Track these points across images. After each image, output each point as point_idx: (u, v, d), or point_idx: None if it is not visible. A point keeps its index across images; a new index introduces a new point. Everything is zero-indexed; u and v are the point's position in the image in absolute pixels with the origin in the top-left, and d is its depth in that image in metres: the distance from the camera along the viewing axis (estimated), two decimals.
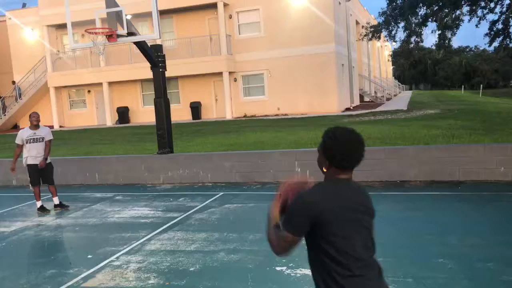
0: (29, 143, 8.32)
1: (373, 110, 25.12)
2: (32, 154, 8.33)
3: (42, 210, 8.40)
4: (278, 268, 4.90)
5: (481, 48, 79.86)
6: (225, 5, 26.07)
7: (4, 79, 34.64)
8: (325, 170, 2.25)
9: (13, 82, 31.49)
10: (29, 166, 8.39)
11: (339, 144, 2.16)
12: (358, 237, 2.16)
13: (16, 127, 31.83)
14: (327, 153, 2.19)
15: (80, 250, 6.12)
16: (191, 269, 5.08)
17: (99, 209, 8.37)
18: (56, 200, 8.63)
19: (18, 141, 8.38)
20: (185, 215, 7.45)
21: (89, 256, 5.74)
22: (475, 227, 5.94)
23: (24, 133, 8.37)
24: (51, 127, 29.57)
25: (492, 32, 15.57)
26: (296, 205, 2.14)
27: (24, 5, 35.43)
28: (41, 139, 8.41)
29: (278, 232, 2.19)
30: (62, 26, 27.52)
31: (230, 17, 26.62)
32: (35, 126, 8.43)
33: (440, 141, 11.16)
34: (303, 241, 2.23)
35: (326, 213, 2.09)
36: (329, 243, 2.11)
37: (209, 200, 8.41)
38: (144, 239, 6.30)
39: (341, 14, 27.97)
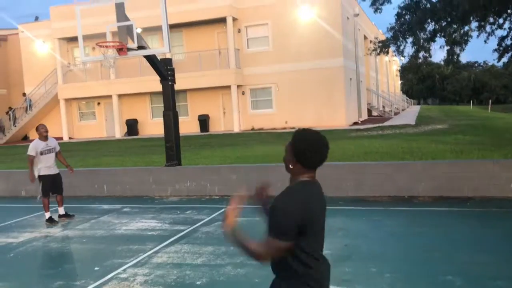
0: (44, 154, 8.43)
1: (381, 124, 25.08)
2: (47, 165, 8.43)
3: (51, 221, 8.44)
4: None
5: (490, 64, 79.73)
6: (234, 19, 26.31)
7: (16, 91, 35.10)
8: (291, 166, 2.37)
9: (24, 94, 31.85)
10: (43, 177, 8.45)
11: (307, 143, 2.31)
12: (322, 233, 2.41)
13: (26, 138, 32.12)
14: (295, 151, 2.33)
15: (87, 262, 6.13)
16: (197, 282, 5.08)
17: (106, 221, 8.39)
18: (62, 210, 8.70)
19: (32, 152, 8.42)
20: (192, 228, 7.46)
21: (96, 268, 5.75)
22: (484, 244, 5.88)
23: (39, 144, 8.45)
24: (60, 138, 29.81)
25: (501, 48, 15.54)
26: (283, 212, 2.24)
27: (36, 18, 36.04)
28: (53, 150, 8.56)
29: (266, 244, 2.28)
30: (73, 39, 27.85)
31: (239, 31, 26.84)
32: (45, 137, 8.52)
33: (448, 156, 11.11)
34: None
35: (307, 215, 2.24)
36: (307, 241, 2.27)
37: (216, 213, 8.41)
38: (151, 251, 6.30)
39: (349, 28, 28.10)
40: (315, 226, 2.31)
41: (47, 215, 8.51)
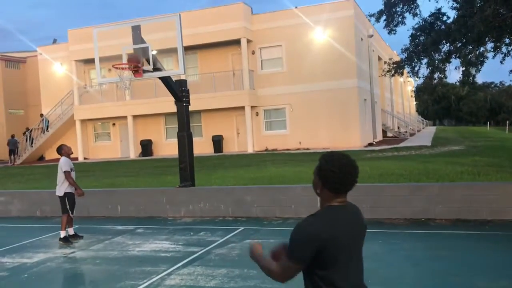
0: (73, 171, 8.57)
1: (396, 145, 24.87)
2: (71, 183, 8.51)
3: (66, 241, 8.44)
4: None
5: (506, 84, 79.09)
6: (249, 41, 26.57)
7: (33, 112, 35.71)
8: (319, 191, 2.33)
9: (41, 115, 32.36)
10: (70, 194, 8.52)
11: (334, 167, 2.25)
12: (352, 263, 2.27)
13: (42, 159, 32.49)
14: (322, 176, 2.28)
15: (100, 284, 6.10)
16: None
17: (120, 242, 8.37)
18: (72, 230, 8.73)
19: (68, 168, 8.45)
20: (205, 249, 7.39)
21: None
22: (504, 268, 5.72)
23: (70, 161, 8.57)
24: (76, 159, 30.09)
25: None
26: (298, 236, 2.21)
27: (54, 41, 36.82)
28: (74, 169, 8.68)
29: (280, 263, 2.28)
30: (90, 61, 28.31)
31: (253, 53, 27.07)
32: (69, 156, 8.65)
33: (465, 178, 10.93)
34: None
35: (328, 242, 2.17)
36: (326, 271, 2.20)
37: (229, 235, 8.34)
38: (164, 273, 6.24)
39: (363, 49, 28.17)
40: (338, 255, 2.20)
41: (64, 233, 8.49)
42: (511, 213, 8.21)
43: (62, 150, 8.62)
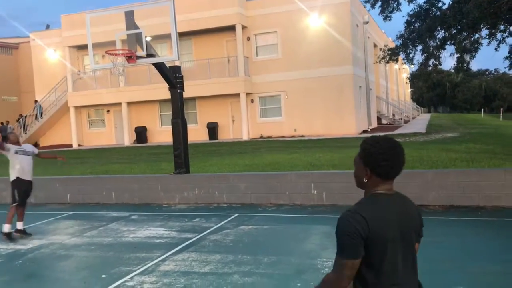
0: (19, 154, 7.94)
1: (391, 132, 24.92)
2: (23, 168, 7.95)
3: (9, 236, 7.84)
4: None
5: (501, 71, 79.20)
6: (243, 27, 26.39)
7: (27, 98, 35.47)
8: (365, 180, 2.12)
9: (36, 101, 32.15)
10: (20, 181, 7.97)
11: (382, 149, 2.07)
12: (402, 258, 2.07)
13: (36, 146, 32.36)
14: (368, 161, 2.09)
15: (95, 270, 6.11)
16: None
17: (114, 229, 8.38)
18: (21, 225, 8.05)
19: (6, 148, 7.85)
20: (199, 236, 7.42)
21: (103, 276, 5.73)
22: (497, 254, 5.78)
23: (13, 146, 7.96)
24: (70, 146, 29.99)
25: None
26: (345, 228, 2.00)
27: (47, 27, 36.43)
28: (29, 153, 8.14)
29: (333, 269, 2.03)
30: (83, 47, 28.08)
31: (248, 39, 26.90)
32: (17, 143, 8.12)
33: (459, 165, 10.99)
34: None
35: (375, 232, 1.99)
36: (369, 262, 2.01)
37: (224, 221, 8.36)
38: (159, 259, 6.27)
39: (358, 36, 28.07)
40: (384, 250, 2.00)
41: (7, 228, 7.82)
42: (503, 199, 8.27)
43: (8, 140, 8.07)
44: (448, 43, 14.42)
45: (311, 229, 7.54)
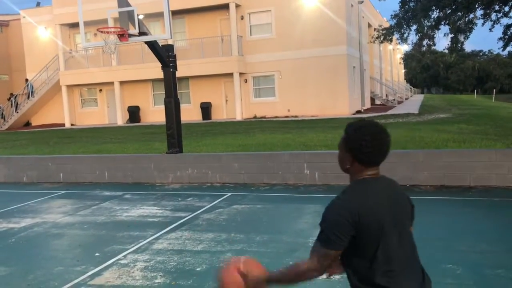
0: None
1: (384, 113, 24.98)
2: None
3: None
4: None
5: (495, 53, 79.18)
6: (237, 6, 26.11)
7: (18, 77, 35.08)
8: (348, 166, 2.04)
9: (26, 80, 31.82)
10: None
11: (365, 135, 1.96)
12: (397, 240, 1.98)
13: (28, 125, 32.14)
14: (351, 147, 1.99)
15: (88, 248, 6.15)
16: (197, 269, 5.08)
17: (107, 207, 8.40)
18: None
19: None
20: (193, 215, 7.46)
21: (97, 254, 5.77)
22: (485, 233, 5.87)
23: None
24: (62, 125, 29.82)
25: (506, 37, 15.39)
26: (332, 217, 1.93)
27: (38, 4, 35.80)
28: None
29: (312, 257, 1.96)
30: (75, 25, 27.73)
31: (242, 18, 26.65)
32: None
33: (451, 145, 11.07)
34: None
35: (366, 218, 1.90)
36: (362, 251, 1.95)
37: (217, 201, 8.41)
38: (152, 238, 6.31)
39: (353, 16, 27.88)
40: (376, 236, 1.92)
41: None
42: (493, 179, 8.37)
43: None
44: (443, 23, 14.40)
45: (304, 208, 7.60)
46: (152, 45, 10.11)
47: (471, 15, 14.23)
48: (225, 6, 25.97)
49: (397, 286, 1.96)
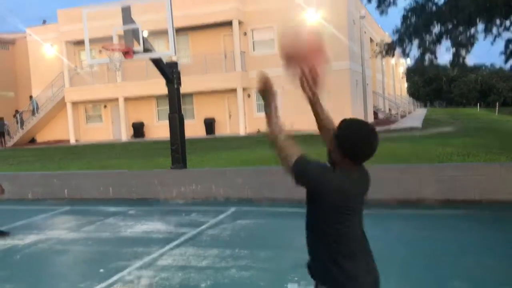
0: None
1: (387, 127, 24.99)
2: None
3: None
4: (290, 286, 4.86)
5: (497, 66, 79.29)
6: (240, 23, 26.35)
7: (23, 94, 35.36)
8: (338, 160, 2.22)
9: (31, 97, 32.07)
10: None
11: (355, 134, 2.14)
12: (360, 216, 2.29)
13: (33, 141, 32.30)
14: (342, 144, 2.17)
15: (92, 264, 6.14)
16: (202, 285, 5.07)
17: (112, 223, 8.40)
18: None
19: None
20: (197, 230, 7.45)
21: (101, 270, 5.76)
22: (491, 248, 5.83)
23: None
24: (67, 141, 29.94)
25: (508, 51, 15.46)
26: (320, 174, 2.14)
27: (44, 22, 36.27)
28: None
29: (289, 146, 2.21)
30: (80, 42, 27.90)
31: (245, 34, 26.88)
32: None
33: (455, 159, 11.05)
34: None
35: (343, 197, 2.13)
36: (341, 231, 2.17)
37: (221, 216, 8.40)
38: (156, 254, 6.30)
39: (355, 31, 28.06)
40: (354, 208, 2.21)
41: None
42: (498, 193, 8.33)
43: None
44: (444, 37, 14.47)
45: None
46: (157, 61, 10.20)
47: (473, 30, 14.32)
48: (228, 23, 26.22)
49: (356, 265, 2.23)
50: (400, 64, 53.40)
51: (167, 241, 6.94)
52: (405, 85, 66.26)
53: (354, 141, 2.13)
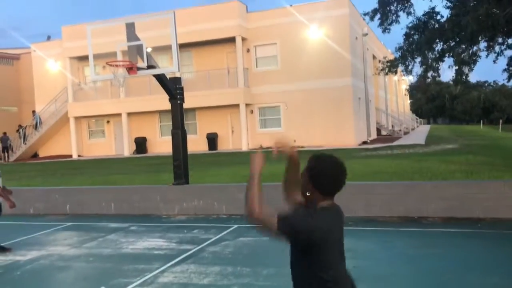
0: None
1: (390, 144, 24.96)
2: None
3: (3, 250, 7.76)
4: None
5: (500, 83, 79.47)
6: (243, 39, 26.55)
7: (27, 109, 35.55)
8: (308, 194, 2.35)
9: (33, 112, 32.22)
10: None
11: (325, 169, 2.30)
12: (341, 253, 2.41)
13: (35, 156, 32.35)
14: (312, 178, 2.32)
15: (94, 281, 6.09)
16: None
17: (113, 240, 8.36)
18: None
19: None
20: (199, 247, 7.40)
21: (102, 287, 5.71)
22: (495, 266, 5.77)
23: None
24: (70, 156, 29.99)
25: (511, 68, 15.49)
26: (299, 221, 2.26)
27: (48, 38, 36.63)
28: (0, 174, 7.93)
29: (270, 215, 2.27)
30: (84, 58, 28.09)
31: (248, 50, 27.06)
32: None
33: (458, 176, 11.00)
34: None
35: (327, 235, 2.27)
36: (322, 264, 2.30)
37: (223, 233, 8.35)
38: (158, 271, 6.25)
39: (358, 48, 28.22)
40: (334, 246, 2.34)
41: None
42: (502, 211, 8.27)
43: None
44: (447, 55, 14.52)
45: None
46: (160, 78, 10.25)
47: (475, 48, 14.38)
48: (232, 40, 26.42)
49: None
50: (402, 81, 53.57)
51: (168, 258, 6.89)
52: (408, 101, 66.39)
53: (324, 175, 2.29)
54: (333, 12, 25.53)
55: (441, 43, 14.37)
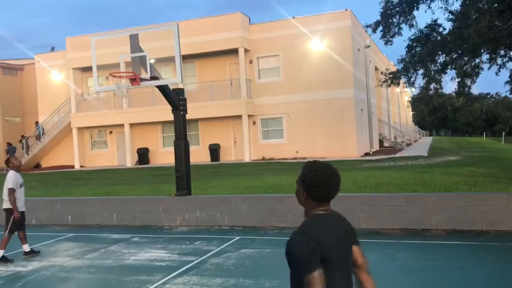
0: (21, 187, 8.00)
1: (393, 155, 24.92)
2: (22, 200, 8.00)
3: (5, 261, 7.81)
4: None
5: (502, 95, 79.52)
6: (246, 51, 26.67)
7: (30, 119, 35.64)
8: (302, 200, 2.36)
9: (36, 123, 32.33)
10: (21, 213, 7.96)
11: (317, 176, 2.28)
12: (343, 265, 2.29)
13: (38, 166, 32.38)
14: (305, 185, 2.31)
15: None
16: None
17: (115, 251, 8.33)
18: (27, 247, 8.21)
19: (14, 185, 7.80)
20: (201, 259, 7.37)
21: None
22: (499, 279, 5.73)
23: (18, 177, 7.89)
24: (72, 167, 30.00)
25: None
26: (301, 248, 2.18)
27: (52, 49, 36.84)
28: (23, 184, 8.13)
29: (307, 284, 2.14)
30: (88, 69, 28.37)
31: (251, 62, 27.17)
32: (19, 169, 8.06)
33: (461, 188, 10.96)
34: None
35: (321, 250, 2.18)
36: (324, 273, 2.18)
37: (225, 244, 8.32)
38: (159, 282, 6.22)
39: (360, 60, 28.31)
40: (331, 258, 2.23)
41: (1, 253, 7.83)
42: (506, 223, 8.23)
43: (10, 163, 7.98)
44: (449, 67, 14.54)
45: None
46: (163, 89, 10.29)
47: (477, 60, 14.39)
48: (234, 51, 26.54)
49: None
50: (405, 92, 53.64)
51: (170, 269, 6.86)
52: (411, 113, 66.41)
53: (314, 181, 2.28)
54: (335, 24, 25.66)
55: (444, 55, 14.39)
